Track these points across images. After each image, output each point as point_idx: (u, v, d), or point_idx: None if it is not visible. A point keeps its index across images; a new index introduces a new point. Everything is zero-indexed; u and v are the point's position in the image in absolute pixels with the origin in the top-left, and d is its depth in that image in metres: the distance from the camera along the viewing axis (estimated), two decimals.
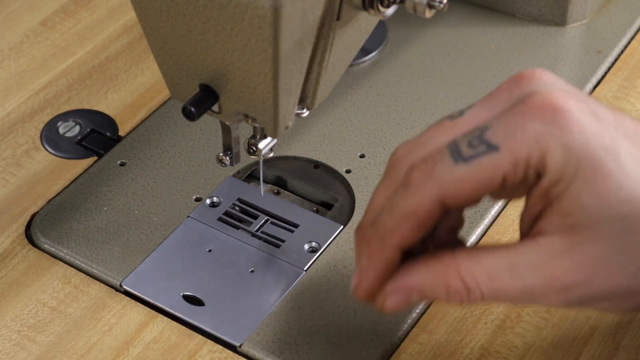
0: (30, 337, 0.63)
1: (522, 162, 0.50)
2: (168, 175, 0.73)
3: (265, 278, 0.66)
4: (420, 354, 0.62)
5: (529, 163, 0.50)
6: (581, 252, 0.51)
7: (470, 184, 0.51)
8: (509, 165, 0.50)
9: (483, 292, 0.52)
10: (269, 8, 0.52)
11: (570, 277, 0.51)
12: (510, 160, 0.50)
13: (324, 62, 0.59)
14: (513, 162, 0.50)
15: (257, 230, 0.69)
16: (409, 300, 0.54)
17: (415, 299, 0.54)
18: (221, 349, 0.62)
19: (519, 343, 0.62)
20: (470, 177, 0.51)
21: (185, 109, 0.58)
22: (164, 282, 0.66)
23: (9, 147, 0.75)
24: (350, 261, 0.66)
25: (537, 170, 0.51)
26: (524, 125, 0.50)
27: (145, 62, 0.82)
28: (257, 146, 0.64)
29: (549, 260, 0.51)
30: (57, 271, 0.67)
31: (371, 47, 0.82)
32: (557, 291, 0.51)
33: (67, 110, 0.78)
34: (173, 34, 0.57)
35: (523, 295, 0.52)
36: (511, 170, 0.51)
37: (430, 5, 0.57)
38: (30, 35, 0.85)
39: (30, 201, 0.71)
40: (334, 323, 0.63)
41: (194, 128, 0.76)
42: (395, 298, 0.54)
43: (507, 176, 0.51)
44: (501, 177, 0.51)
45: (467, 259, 0.52)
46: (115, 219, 0.70)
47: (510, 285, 0.52)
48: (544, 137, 0.50)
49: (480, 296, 0.52)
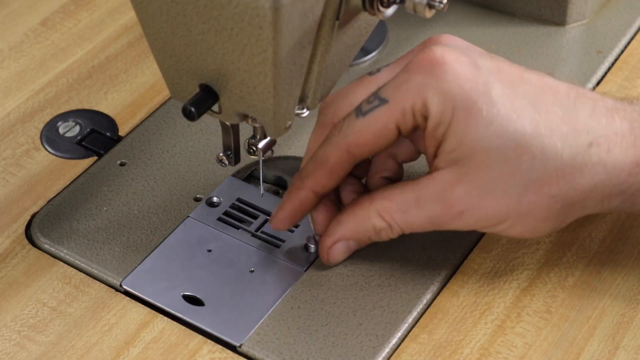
0: (30, 337, 0.63)
1: (409, 110, 0.59)
2: (168, 175, 0.73)
3: (265, 278, 0.66)
4: (420, 354, 0.62)
5: (415, 110, 0.59)
6: (467, 181, 0.59)
7: (368, 134, 0.60)
8: (398, 114, 0.59)
9: (400, 226, 0.62)
10: (269, 8, 0.52)
11: (463, 203, 0.60)
12: (398, 109, 0.59)
13: (324, 62, 0.59)
14: (401, 111, 0.59)
15: (257, 230, 0.69)
16: (349, 249, 0.65)
17: (353, 246, 0.65)
18: (221, 349, 0.62)
19: (519, 343, 0.62)
20: (367, 128, 0.60)
21: (185, 109, 0.58)
22: (164, 282, 0.66)
23: (9, 147, 0.75)
24: (351, 261, 0.66)
25: (423, 115, 0.59)
26: (407, 79, 0.59)
27: (145, 62, 0.82)
28: (257, 146, 0.64)
29: (444, 191, 0.60)
30: (57, 271, 0.67)
31: (371, 47, 0.82)
32: (454, 216, 0.61)
33: (67, 110, 0.78)
34: (173, 34, 0.57)
35: (430, 223, 0.62)
36: (401, 118, 0.60)
37: (430, 5, 0.57)
38: (30, 35, 0.85)
39: (30, 201, 0.71)
40: (333, 323, 0.63)
41: (194, 128, 0.76)
42: (336, 250, 0.65)
43: (399, 124, 0.60)
44: (394, 125, 0.60)
45: (382, 199, 0.62)
46: (115, 219, 0.70)
47: (417, 216, 0.61)
48: (424, 87, 0.59)
49: (400, 230, 0.62)
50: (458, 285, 0.65)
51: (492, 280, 0.66)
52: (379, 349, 0.62)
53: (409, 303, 0.64)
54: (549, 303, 0.64)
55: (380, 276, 0.65)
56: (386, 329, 0.63)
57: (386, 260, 0.66)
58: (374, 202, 0.63)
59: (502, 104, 0.58)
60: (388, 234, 0.63)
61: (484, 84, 0.59)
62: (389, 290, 0.65)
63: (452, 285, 0.65)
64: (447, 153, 0.60)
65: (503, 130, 0.58)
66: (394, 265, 0.66)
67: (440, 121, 0.59)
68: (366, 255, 0.66)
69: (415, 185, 0.61)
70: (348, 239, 0.64)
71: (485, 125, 0.58)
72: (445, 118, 0.59)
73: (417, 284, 0.65)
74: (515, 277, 0.66)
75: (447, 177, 0.60)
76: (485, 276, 0.66)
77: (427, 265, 0.66)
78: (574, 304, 0.64)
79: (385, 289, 0.65)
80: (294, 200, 0.64)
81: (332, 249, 0.64)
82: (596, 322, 0.63)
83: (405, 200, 0.62)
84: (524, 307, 0.64)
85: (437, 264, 0.66)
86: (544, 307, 0.64)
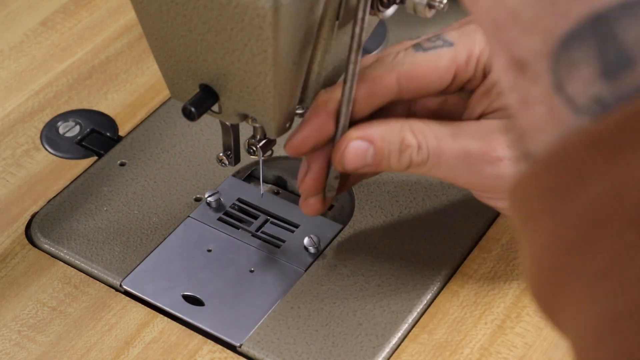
0: (30, 337, 0.63)
1: (474, 58, 0.58)
2: (168, 175, 0.73)
3: (265, 278, 0.66)
4: (420, 354, 0.62)
5: (479, 60, 0.57)
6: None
7: (425, 68, 0.58)
8: (462, 59, 0.58)
9: (429, 151, 0.58)
10: (269, 8, 0.52)
11: (504, 150, 0.57)
12: (464, 55, 0.58)
13: (324, 62, 0.59)
14: (466, 57, 0.58)
15: (257, 231, 0.69)
16: (366, 156, 0.59)
17: (369, 158, 0.59)
18: (221, 349, 0.63)
19: (519, 343, 0.62)
20: (426, 63, 0.58)
21: (185, 109, 0.58)
22: (164, 282, 0.66)
23: (9, 147, 0.75)
24: (351, 261, 0.66)
25: (484, 68, 0.57)
26: (475, 30, 0.58)
27: (145, 62, 0.82)
28: (257, 146, 0.64)
29: (488, 133, 0.57)
30: (57, 271, 0.67)
31: (371, 47, 0.82)
32: (491, 160, 0.57)
33: (67, 110, 0.78)
34: (173, 34, 0.57)
35: (462, 160, 0.58)
36: (463, 64, 0.58)
37: (430, 5, 0.56)
38: (30, 35, 0.85)
39: (30, 201, 0.71)
40: (333, 323, 0.63)
41: (194, 128, 0.76)
42: (354, 148, 0.59)
43: (459, 70, 0.58)
44: (454, 70, 0.58)
45: (419, 121, 0.59)
46: (115, 219, 0.70)
47: (452, 146, 0.58)
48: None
49: (427, 155, 0.58)
50: (458, 285, 0.65)
51: (492, 280, 0.66)
52: (379, 349, 0.62)
53: (409, 303, 0.64)
54: None
55: (380, 276, 0.65)
56: (386, 329, 0.63)
57: (386, 260, 0.66)
58: (410, 120, 0.59)
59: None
60: (413, 155, 0.58)
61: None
62: (389, 290, 0.65)
63: (452, 285, 0.65)
64: (502, 110, 0.57)
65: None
66: (394, 265, 0.66)
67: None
68: (366, 255, 0.67)
69: (457, 123, 0.59)
70: (372, 142, 0.59)
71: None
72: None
73: (417, 284, 0.65)
74: (515, 277, 0.66)
75: (494, 124, 0.58)
76: (485, 276, 0.66)
77: (427, 265, 0.66)
78: None
79: (385, 289, 0.65)
80: (316, 119, 0.59)
81: (352, 144, 0.59)
82: None
83: (443, 130, 0.58)
84: (524, 307, 0.64)
85: (437, 264, 0.66)
86: None
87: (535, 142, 0.34)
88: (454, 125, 0.59)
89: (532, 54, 0.34)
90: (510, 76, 0.35)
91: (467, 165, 0.58)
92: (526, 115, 0.35)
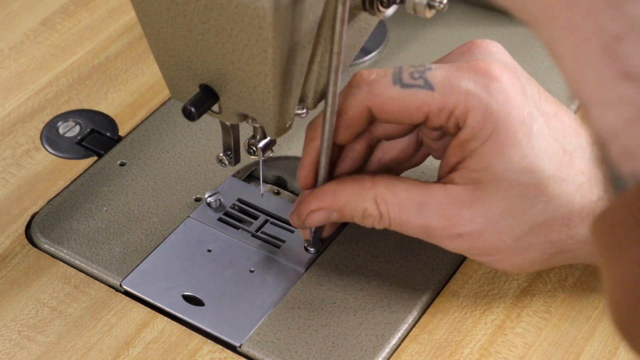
0: (30, 337, 0.63)
1: (447, 110, 0.57)
2: (168, 175, 0.73)
3: (265, 278, 0.66)
4: (420, 354, 0.62)
5: (453, 113, 0.57)
6: (480, 206, 0.58)
7: (397, 105, 0.58)
8: (436, 107, 0.57)
9: (391, 221, 0.60)
10: (269, 8, 0.52)
11: (465, 227, 0.58)
12: (439, 103, 0.57)
13: (324, 62, 0.59)
14: (440, 106, 0.57)
15: (257, 231, 0.69)
16: (328, 218, 0.62)
17: (334, 218, 0.61)
18: (221, 349, 0.62)
19: (519, 343, 0.62)
20: (401, 100, 0.58)
21: (185, 109, 0.58)
22: (164, 282, 0.66)
23: (9, 147, 0.75)
24: (351, 261, 0.66)
25: (457, 122, 0.57)
26: (460, 80, 0.57)
27: (145, 62, 0.82)
28: (257, 146, 0.64)
29: (452, 206, 0.58)
30: (57, 271, 0.67)
31: (371, 47, 0.82)
32: (451, 236, 0.59)
33: (67, 110, 0.78)
34: (173, 34, 0.57)
35: (422, 231, 0.59)
36: (436, 112, 0.58)
37: (430, 5, 0.56)
38: (30, 35, 0.85)
39: (30, 201, 0.71)
40: (333, 323, 0.63)
41: (194, 128, 0.76)
42: (316, 216, 0.62)
43: (430, 116, 0.58)
44: (425, 114, 0.58)
45: (385, 188, 0.60)
46: (115, 219, 0.70)
47: (414, 219, 0.59)
48: (473, 96, 0.57)
49: (389, 223, 0.60)
50: (458, 285, 0.65)
51: (492, 280, 0.66)
52: (379, 349, 0.62)
53: (409, 303, 0.64)
54: (549, 303, 0.64)
55: (380, 276, 0.65)
56: (386, 329, 0.63)
57: (386, 260, 0.66)
58: (375, 187, 0.60)
59: (538, 141, 0.57)
60: (374, 222, 0.61)
61: (528, 114, 0.57)
62: (389, 290, 0.65)
63: (452, 285, 0.65)
64: (470, 171, 0.58)
65: (532, 168, 0.57)
66: (394, 265, 0.66)
67: (475, 136, 0.57)
68: (366, 255, 0.66)
69: (423, 189, 0.59)
70: (334, 211, 0.61)
71: (520, 158, 0.57)
72: (481, 135, 0.57)
73: (417, 284, 0.65)
74: (515, 277, 0.66)
75: (460, 195, 0.58)
76: (485, 276, 0.66)
77: (427, 265, 0.66)
78: (574, 304, 0.64)
79: (385, 289, 0.65)
80: (311, 151, 0.62)
81: (314, 214, 0.62)
82: (596, 322, 0.63)
83: (408, 199, 0.59)
84: (524, 307, 0.64)
85: (438, 264, 0.66)
86: (544, 307, 0.64)
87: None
88: (421, 191, 0.59)
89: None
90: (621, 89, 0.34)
91: (427, 237, 0.60)
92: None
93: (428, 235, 0.60)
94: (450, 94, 0.57)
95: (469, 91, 0.57)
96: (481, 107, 0.57)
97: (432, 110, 0.58)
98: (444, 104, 0.57)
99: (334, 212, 0.61)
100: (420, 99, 0.58)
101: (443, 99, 0.57)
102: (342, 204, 0.61)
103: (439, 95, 0.57)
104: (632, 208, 0.33)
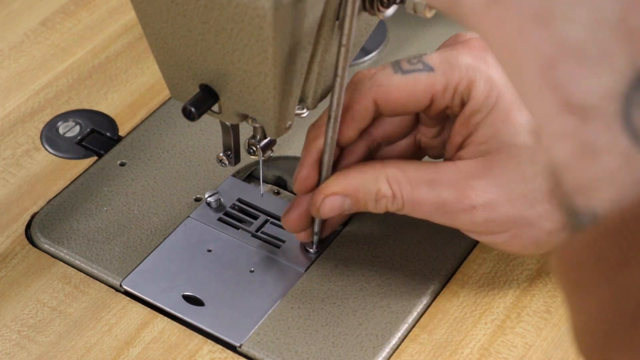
0: (30, 337, 0.63)
1: (452, 87, 0.58)
2: (168, 175, 0.73)
3: (265, 278, 0.66)
4: (420, 354, 0.62)
5: (457, 89, 0.57)
6: (492, 176, 0.57)
7: (403, 92, 0.58)
8: (440, 86, 0.58)
9: (404, 200, 0.59)
10: (269, 8, 0.52)
11: (480, 198, 0.58)
12: (442, 82, 0.58)
13: (324, 62, 0.59)
14: (444, 84, 0.58)
15: (257, 231, 0.69)
16: (342, 207, 0.61)
17: (347, 206, 0.60)
18: (221, 349, 0.62)
19: (519, 343, 0.62)
20: (404, 86, 0.58)
21: (185, 109, 0.58)
22: (164, 282, 0.66)
23: (9, 147, 0.75)
24: (351, 261, 0.66)
25: (462, 97, 0.58)
26: (457, 57, 0.58)
27: (145, 62, 0.82)
28: (257, 146, 0.64)
29: (463, 179, 0.58)
30: (57, 271, 0.67)
31: (371, 47, 0.82)
32: (465, 209, 0.58)
33: (67, 110, 0.78)
34: (173, 34, 0.57)
35: (436, 208, 0.59)
36: (441, 91, 0.58)
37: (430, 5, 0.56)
38: (30, 35, 0.85)
39: (30, 201, 0.71)
40: (333, 323, 0.63)
41: (194, 128, 0.76)
42: (330, 203, 0.61)
43: (436, 97, 0.58)
44: (430, 96, 0.58)
45: (395, 167, 0.59)
46: (115, 219, 0.70)
47: (427, 196, 0.59)
48: (473, 69, 0.57)
49: (402, 204, 0.59)
50: (458, 285, 0.65)
51: (492, 280, 0.66)
52: (379, 349, 0.62)
53: (409, 303, 0.64)
54: (549, 303, 0.64)
55: (380, 276, 0.65)
56: (386, 329, 0.63)
57: (386, 260, 0.66)
58: (386, 167, 0.60)
59: None
60: (388, 204, 0.60)
61: None
62: (389, 290, 0.65)
63: (452, 285, 0.65)
64: (477, 145, 0.58)
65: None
66: (394, 265, 0.66)
67: (480, 108, 0.57)
68: (366, 255, 0.66)
69: (433, 167, 0.59)
70: (347, 195, 0.61)
71: (527, 122, 0.57)
72: (486, 106, 0.57)
73: (417, 283, 0.65)
74: (515, 277, 0.66)
75: (470, 167, 0.58)
76: (485, 276, 0.66)
77: (427, 265, 0.66)
78: None
79: (385, 289, 0.65)
80: (313, 150, 0.61)
81: (328, 200, 0.61)
82: None
83: (419, 177, 0.59)
84: (524, 307, 0.64)
85: (438, 264, 0.66)
86: (544, 307, 0.64)
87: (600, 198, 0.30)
88: (431, 169, 0.59)
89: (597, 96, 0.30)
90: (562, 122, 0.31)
91: (442, 213, 0.59)
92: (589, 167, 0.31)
93: (443, 212, 0.59)
94: (451, 70, 0.58)
95: (468, 65, 0.58)
96: (483, 77, 0.57)
97: (437, 90, 0.58)
98: (447, 81, 0.58)
99: (348, 198, 0.60)
100: (424, 82, 0.58)
101: (446, 77, 0.58)
102: (356, 187, 0.60)
103: (441, 74, 0.58)
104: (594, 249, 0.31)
